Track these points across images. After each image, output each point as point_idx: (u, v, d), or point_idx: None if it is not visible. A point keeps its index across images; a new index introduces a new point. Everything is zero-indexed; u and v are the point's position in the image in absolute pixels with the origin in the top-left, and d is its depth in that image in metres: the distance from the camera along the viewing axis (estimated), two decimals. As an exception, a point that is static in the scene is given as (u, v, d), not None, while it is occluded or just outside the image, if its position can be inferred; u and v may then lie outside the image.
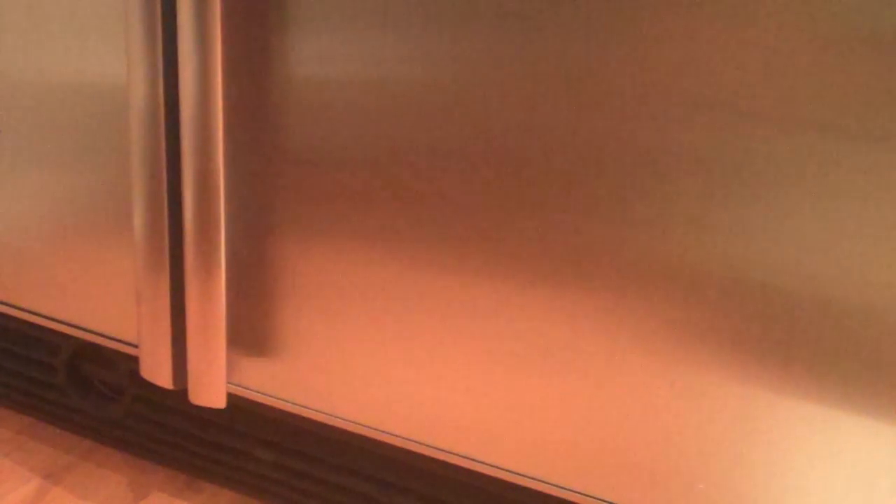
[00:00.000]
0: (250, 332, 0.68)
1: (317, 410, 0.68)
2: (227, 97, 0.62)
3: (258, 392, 0.70)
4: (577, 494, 0.61)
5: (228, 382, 0.70)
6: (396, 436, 0.66)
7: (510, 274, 0.58)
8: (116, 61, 0.66)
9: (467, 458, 0.64)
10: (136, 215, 0.66)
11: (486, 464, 0.63)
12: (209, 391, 0.67)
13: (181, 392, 0.76)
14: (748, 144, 0.50)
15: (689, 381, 0.56)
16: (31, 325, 0.81)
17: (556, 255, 0.56)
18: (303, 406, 0.68)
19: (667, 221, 0.53)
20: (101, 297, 0.74)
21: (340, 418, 0.67)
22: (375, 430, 0.66)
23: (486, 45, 0.54)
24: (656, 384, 0.57)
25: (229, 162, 0.64)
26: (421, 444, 0.65)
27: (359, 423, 0.67)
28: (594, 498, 0.61)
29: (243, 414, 0.75)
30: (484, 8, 0.53)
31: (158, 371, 0.69)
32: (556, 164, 0.54)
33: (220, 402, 0.68)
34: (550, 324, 0.58)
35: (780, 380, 0.53)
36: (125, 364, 0.78)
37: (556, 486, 0.62)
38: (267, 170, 0.63)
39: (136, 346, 0.74)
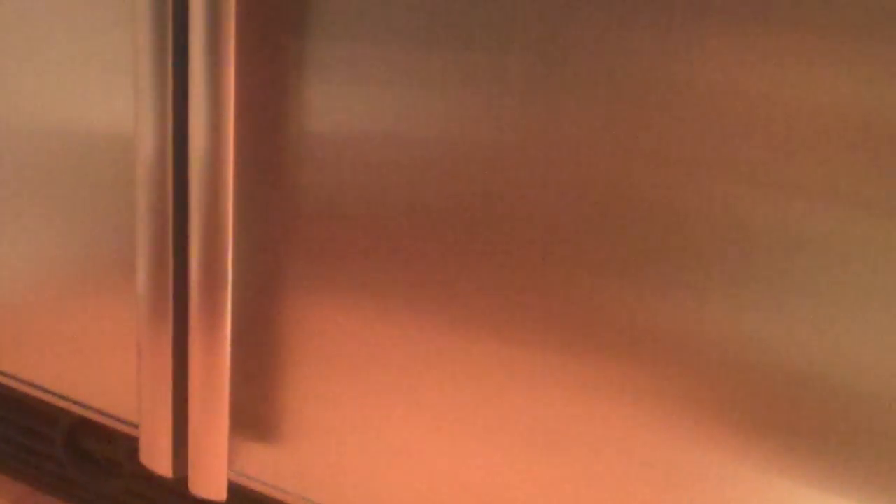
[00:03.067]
0: (254, 413, 0.66)
1: (322, 505, 0.64)
2: (238, 149, 0.60)
3: (260, 482, 0.65)
4: None
5: (230, 470, 0.66)
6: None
7: (520, 340, 0.56)
8: (123, 109, 0.64)
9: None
10: (139, 273, 0.63)
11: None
12: (209, 481, 0.63)
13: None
14: (761, 216, 0.49)
15: (695, 460, 0.53)
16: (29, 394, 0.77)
17: (566, 322, 0.54)
18: (306, 499, 0.64)
19: (676, 292, 0.51)
20: (102, 369, 0.71)
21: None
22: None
23: (502, 103, 0.53)
24: (661, 463, 0.53)
25: (238, 217, 0.62)
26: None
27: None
28: None
29: (245, 500, 0.70)
30: (499, 68, 0.52)
31: (158, 458, 0.65)
32: (571, 227, 0.53)
33: (220, 495, 0.63)
34: (558, 395, 0.56)
35: (784, 462, 0.51)
36: (124, 441, 0.74)
37: None
38: (277, 225, 0.61)
39: (135, 426, 0.70)
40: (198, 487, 0.64)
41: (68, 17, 0.63)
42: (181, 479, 0.72)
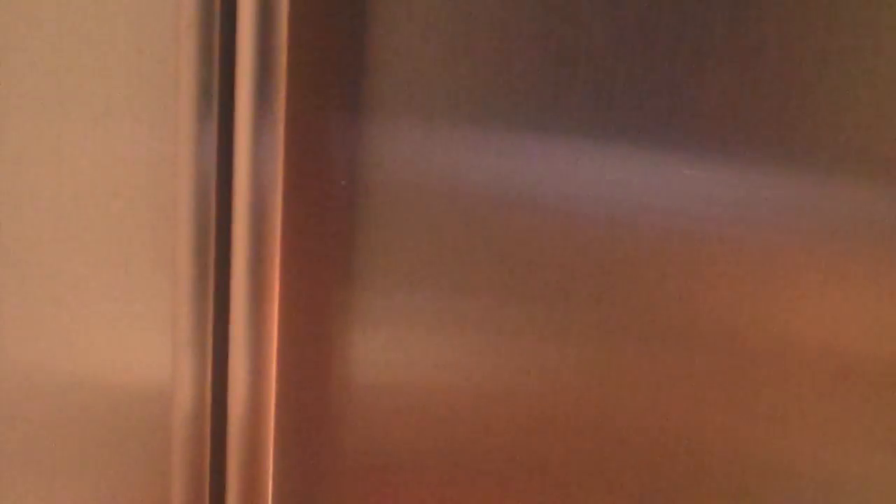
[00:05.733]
0: None
1: None
2: (279, 401, 0.59)
3: None
4: None
5: None
6: None
7: None
8: (160, 360, 0.62)
9: None
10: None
11: None
12: None
13: None
14: (771, 453, 0.50)
15: None
16: None
17: None
18: None
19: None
20: None
21: None
22: None
23: (546, 350, 0.53)
24: None
25: (278, 470, 0.60)
26: None
27: None
28: None
29: None
30: (539, 313, 0.53)
31: None
32: (606, 471, 0.51)
33: None
34: None
35: None
36: None
37: None
38: (318, 477, 0.60)
39: None
40: None
41: (104, 265, 0.62)
42: None
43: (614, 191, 0.51)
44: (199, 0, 0.52)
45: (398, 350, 0.56)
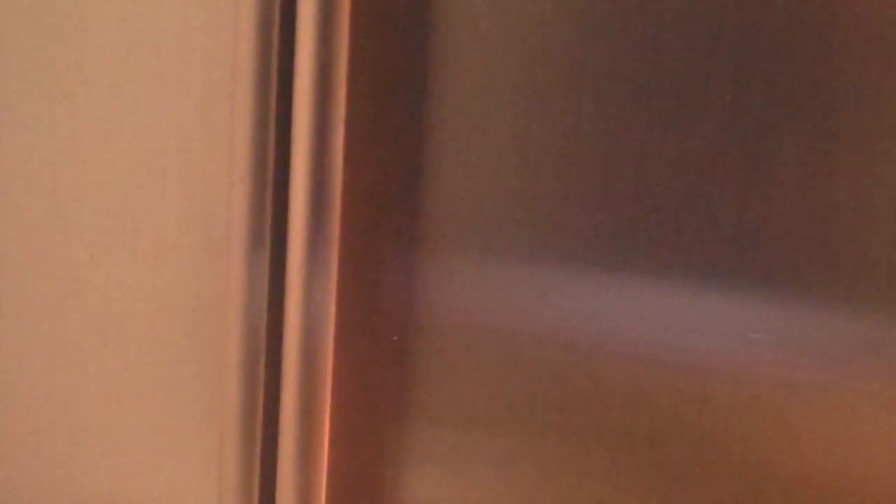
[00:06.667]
0: None
1: None
2: None
3: None
4: None
5: None
6: None
7: None
8: (205, 499, 0.60)
9: None
10: None
11: None
12: None
13: None
14: None
15: None
16: None
17: None
18: None
19: None
20: None
21: None
22: None
23: (607, 492, 0.49)
24: None
25: None
26: None
27: None
28: None
29: None
30: (597, 454, 0.49)
31: None
32: None
33: None
34: None
35: None
36: None
37: None
38: None
39: None
40: None
41: (150, 401, 0.61)
42: None
43: (675, 333, 0.50)
44: (254, 141, 0.52)
45: (450, 491, 0.54)
